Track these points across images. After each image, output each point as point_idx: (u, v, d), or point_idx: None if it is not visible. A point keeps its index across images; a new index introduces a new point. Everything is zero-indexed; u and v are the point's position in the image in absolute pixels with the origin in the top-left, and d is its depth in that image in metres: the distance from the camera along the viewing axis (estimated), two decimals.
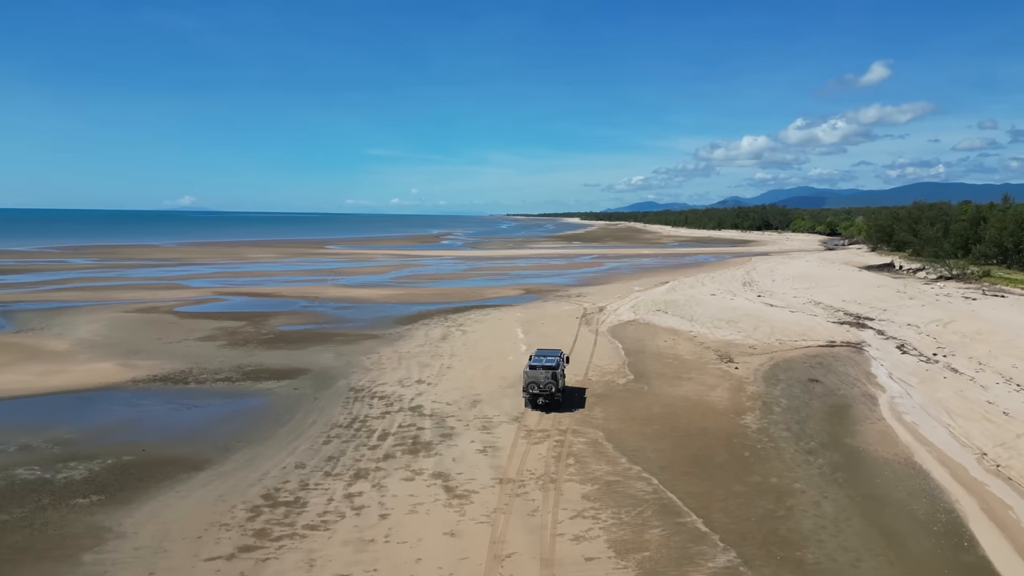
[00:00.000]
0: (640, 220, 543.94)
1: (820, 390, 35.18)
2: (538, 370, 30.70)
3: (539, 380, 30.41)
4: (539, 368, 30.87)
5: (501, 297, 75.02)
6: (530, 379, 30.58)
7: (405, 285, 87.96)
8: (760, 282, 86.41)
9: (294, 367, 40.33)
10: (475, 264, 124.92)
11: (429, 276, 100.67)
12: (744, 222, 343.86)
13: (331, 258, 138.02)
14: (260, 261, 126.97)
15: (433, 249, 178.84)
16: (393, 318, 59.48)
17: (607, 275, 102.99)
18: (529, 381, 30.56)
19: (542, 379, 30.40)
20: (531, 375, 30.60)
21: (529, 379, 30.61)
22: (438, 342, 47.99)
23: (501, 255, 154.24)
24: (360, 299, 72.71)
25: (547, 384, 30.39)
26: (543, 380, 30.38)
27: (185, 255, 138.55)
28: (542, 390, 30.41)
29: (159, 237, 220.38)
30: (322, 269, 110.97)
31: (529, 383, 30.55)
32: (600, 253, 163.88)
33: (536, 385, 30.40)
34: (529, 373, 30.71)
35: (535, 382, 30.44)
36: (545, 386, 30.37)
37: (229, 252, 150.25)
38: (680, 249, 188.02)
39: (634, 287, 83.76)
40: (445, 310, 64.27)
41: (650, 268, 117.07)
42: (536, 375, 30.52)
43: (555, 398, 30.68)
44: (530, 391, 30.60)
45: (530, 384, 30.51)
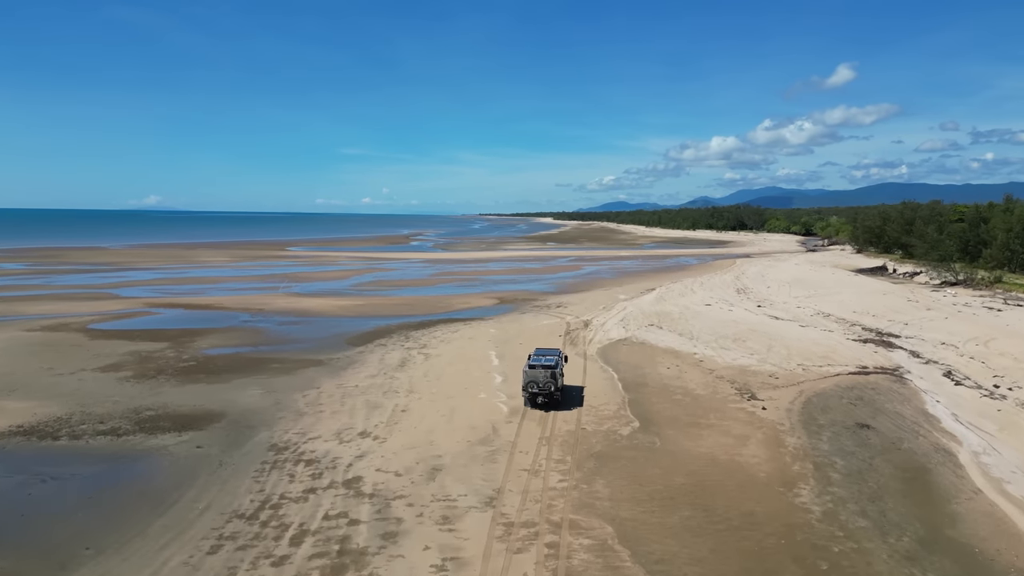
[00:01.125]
0: (613, 220, 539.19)
1: (878, 442, 27.56)
2: (537, 369, 30.93)
3: (538, 379, 30.65)
4: (538, 367, 31.09)
5: (472, 308, 66.76)
6: (529, 378, 30.86)
7: (366, 293, 79.20)
8: (755, 289, 79.27)
9: (206, 411, 31.67)
10: (444, 268, 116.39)
11: (393, 283, 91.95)
12: (719, 222, 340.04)
13: (290, 261, 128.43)
14: (211, 265, 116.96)
15: (401, 251, 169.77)
16: (345, 336, 50.87)
17: (587, 280, 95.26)
18: (528, 380, 30.87)
19: (541, 378, 30.61)
20: (530, 374, 30.87)
21: (528, 378, 30.90)
22: (395, 371, 39.57)
23: (473, 258, 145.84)
24: (311, 312, 63.87)
25: (546, 383, 30.63)
26: (542, 379, 30.61)
27: (130, 258, 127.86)
28: (541, 389, 30.69)
29: (111, 238, 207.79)
30: (277, 274, 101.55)
31: (528, 382, 30.86)
32: (577, 255, 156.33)
33: (535, 384, 30.70)
34: (528, 372, 30.98)
35: (534, 381, 30.72)
36: (544, 385, 30.63)
37: (180, 255, 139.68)
38: (658, 250, 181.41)
39: (618, 295, 76.08)
40: (408, 325, 55.81)
41: (632, 272, 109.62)
42: (535, 374, 30.77)
43: (554, 397, 30.99)
44: (529, 390, 30.91)
45: (529, 383, 30.83)
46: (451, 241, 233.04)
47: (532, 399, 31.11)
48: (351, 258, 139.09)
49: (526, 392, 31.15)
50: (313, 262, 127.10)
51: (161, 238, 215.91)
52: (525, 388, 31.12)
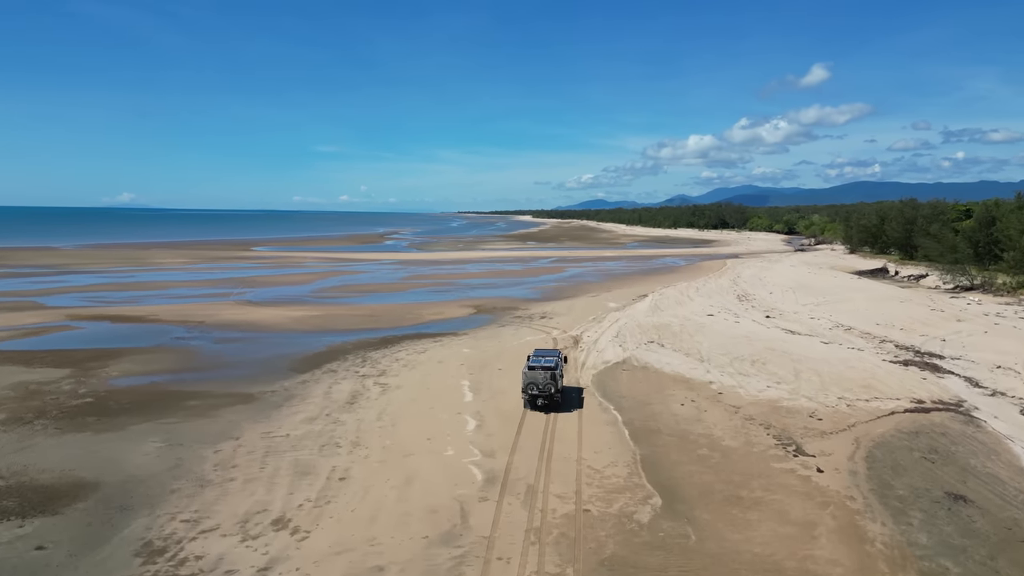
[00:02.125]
0: (592, 218, 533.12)
1: (987, 526, 20.16)
2: (537, 371, 30.61)
3: (538, 381, 30.35)
4: (538, 368, 30.75)
5: (445, 319, 58.83)
6: (529, 380, 30.57)
7: (327, 301, 70.84)
8: (757, 295, 72.17)
9: (75, 479, 23.47)
10: (418, 271, 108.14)
11: (360, 288, 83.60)
12: (700, 220, 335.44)
13: (252, 263, 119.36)
14: (164, 267, 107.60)
15: (374, 251, 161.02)
16: (290, 359, 42.66)
17: (572, 285, 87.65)
18: (528, 382, 30.57)
19: (541, 380, 30.34)
20: (530, 375, 30.60)
21: (528, 380, 30.60)
22: (341, 410, 31.53)
23: (449, 258, 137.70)
24: (260, 325, 55.51)
25: (546, 385, 30.32)
26: (542, 381, 30.31)
27: (77, 260, 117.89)
28: (541, 391, 30.37)
29: (68, 238, 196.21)
30: (234, 279, 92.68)
31: (528, 384, 30.56)
32: (559, 256, 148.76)
33: (535, 386, 30.39)
34: (528, 374, 30.70)
35: (534, 383, 30.42)
36: (544, 387, 30.30)
37: (134, 256, 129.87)
38: (642, 250, 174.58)
39: (608, 302, 68.55)
40: (368, 343, 47.74)
41: (619, 275, 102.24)
42: (535, 376, 30.47)
43: (554, 399, 30.66)
44: (529, 392, 30.62)
45: (529, 385, 30.55)
46: (427, 240, 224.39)
47: (532, 401, 30.78)
48: (318, 259, 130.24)
49: (526, 394, 30.85)
50: (277, 264, 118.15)
51: (121, 237, 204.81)
52: (525, 390, 30.83)
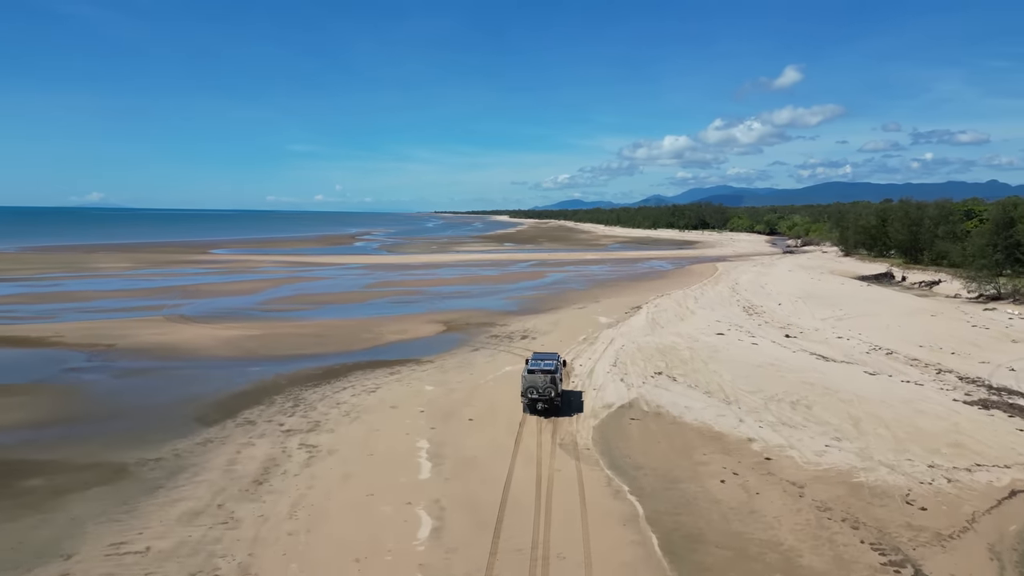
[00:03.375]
0: (570, 218, 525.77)
1: None
2: (537, 374, 30.03)
3: (538, 385, 29.75)
4: (538, 372, 30.14)
5: (407, 341, 49.55)
6: (529, 383, 29.87)
7: (273, 315, 61.13)
8: (764, 307, 63.81)
9: None
10: (385, 276, 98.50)
11: (314, 298, 73.85)
12: (680, 221, 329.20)
13: (204, 268, 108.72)
14: (101, 274, 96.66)
15: (341, 254, 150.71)
16: (200, 403, 33.06)
17: (555, 293, 78.71)
18: (528, 386, 29.84)
19: (540, 383, 29.80)
20: (530, 379, 29.91)
21: (528, 383, 29.88)
22: (241, 498, 22.13)
23: (420, 262, 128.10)
24: (181, 349, 45.74)
25: (546, 388, 29.73)
26: (542, 384, 29.83)
27: (5, 265, 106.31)
28: (541, 395, 29.71)
29: (10, 239, 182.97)
30: (175, 287, 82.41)
31: (528, 387, 29.83)
32: (538, 258, 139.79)
33: (535, 390, 29.72)
34: (528, 377, 30.01)
35: (534, 387, 29.78)
36: (544, 391, 29.71)
37: (72, 261, 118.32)
38: (625, 252, 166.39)
39: (598, 315, 59.75)
40: (306, 376, 38.33)
41: (604, 281, 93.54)
42: (535, 379, 29.87)
43: (554, 403, 29.98)
44: (529, 396, 29.86)
45: (529, 389, 29.82)
46: (400, 242, 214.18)
47: (532, 405, 30.06)
48: (278, 263, 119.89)
49: (525, 398, 30.11)
50: (230, 269, 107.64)
51: (72, 239, 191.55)
52: (524, 394, 30.15)
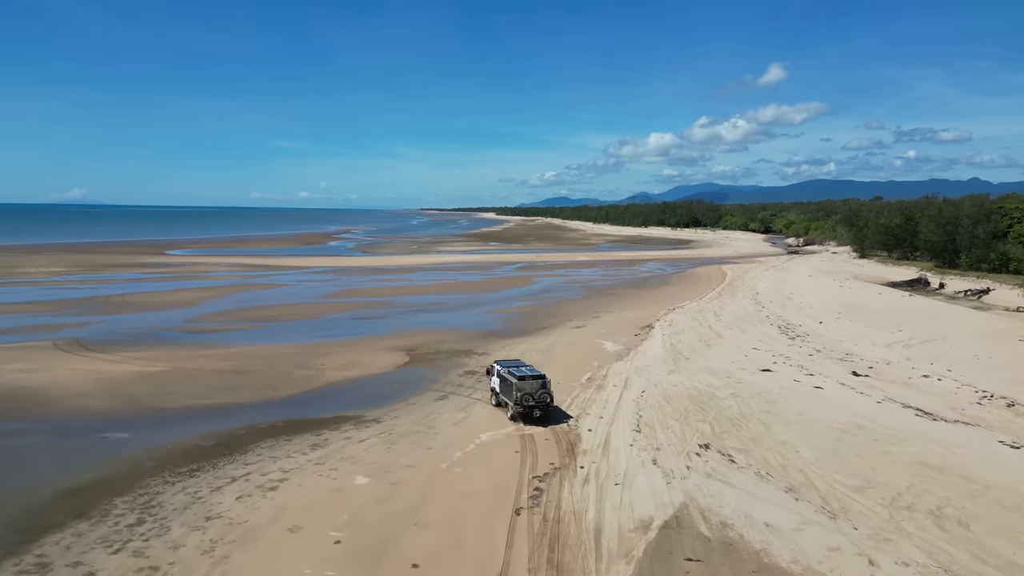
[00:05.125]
0: (558, 216, 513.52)
1: None
2: (527, 380, 28.77)
3: (532, 391, 28.57)
4: (528, 378, 28.88)
5: (353, 379, 37.33)
6: (521, 391, 28.45)
7: (192, 339, 48.66)
8: (803, 326, 52.07)
9: None
10: (351, 283, 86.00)
11: (258, 312, 61.27)
12: (671, 219, 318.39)
13: (148, 272, 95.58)
14: (19, 281, 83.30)
15: (310, 255, 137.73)
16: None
17: (545, 304, 66.64)
18: (523, 393, 28.46)
19: (530, 388, 28.55)
20: (520, 386, 28.55)
21: (520, 391, 28.47)
22: None
23: (396, 265, 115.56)
24: (36, 397, 33.24)
25: (541, 394, 28.74)
26: (536, 390, 28.63)
27: None
28: (537, 401, 28.61)
29: None
30: (98, 297, 69.63)
31: (523, 396, 28.44)
32: (526, 260, 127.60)
33: (530, 397, 28.53)
34: (518, 384, 28.56)
35: (528, 393, 28.51)
36: (540, 396, 28.66)
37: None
38: (619, 253, 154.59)
39: (601, 338, 47.84)
40: (185, 451, 26.02)
41: (602, 288, 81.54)
42: (525, 386, 28.59)
43: (549, 409, 29.07)
44: (525, 404, 28.51)
45: (524, 396, 28.46)
46: (378, 241, 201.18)
47: (527, 414, 28.60)
48: (235, 266, 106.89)
49: (520, 407, 28.51)
50: (176, 274, 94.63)
51: (18, 238, 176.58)
52: (518, 402, 28.46)
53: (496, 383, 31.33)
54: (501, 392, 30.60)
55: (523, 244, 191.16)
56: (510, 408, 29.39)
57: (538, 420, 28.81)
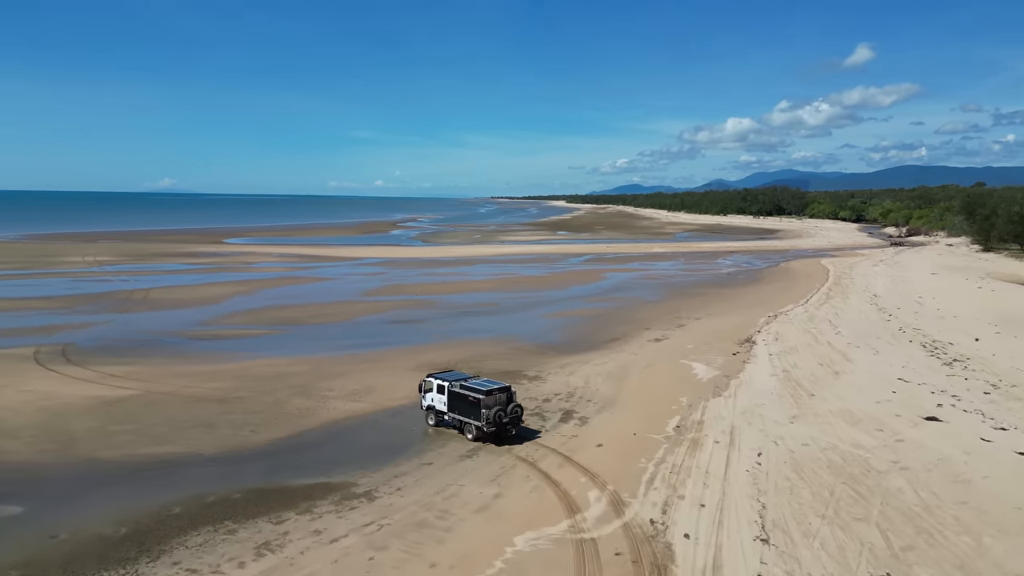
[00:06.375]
0: (629, 203, 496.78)
1: None
2: (495, 394, 25.08)
3: (502, 405, 25.00)
4: (495, 392, 25.20)
5: (360, 417, 28.38)
6: (491, 408, 24.65)
7: (195, 347, 40.92)
8: (958, 346, 40.00)
9: None
10: (401, 276, 77.71)
11: (283, 313, 53.26)
12: (752, 206, 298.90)
13: (191, 263, 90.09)
14: (52, 272, 78.77)
15: (367, 244, 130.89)
16: None
17: (615, 307, 56.32)
18: (495, 411, 24.72)
19: (500, 403, 25.03)
20: (488, 402, 24.79)
21: (489, 408, 24.64)
22: None
23: (454, 256, 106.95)
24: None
25: (514, 408, 25.38)
26: (506, 404, 25.13)
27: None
28: (511, 417, 25.20)
29: (23, 226, 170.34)
30: (124, 292, 63.66)
31: (495, 413, 24.71)
32: (595, 252, 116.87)
33: (503, 413, 24.89)
34: (486, 401, 24.80)
35: (501, 410, 24.87)
36: (513, 411, 25.29)
37: (42, 254, 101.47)
38: (697, 244, 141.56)
39: (688, 356, 37.39)
40: (62, 569, 17.30)
41: (682, 286, 70.41)
42: (493, 401, 24.88)
43: (519, 422, 25.77)
44: (499, 422, 24.76)
45: (496, 414, 24.71)
46: (443, 229, 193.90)
47: (497, 433, 24.91)
48: (284, 256, 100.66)
49: (493, 426, 24.73)
50: (221, 264, 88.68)
51: (83, 226, 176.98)
52: (492, 422, 24.69)
53: (436, 401, 26.90)
54: (455, 412, 26.15)
55: (592, 233, 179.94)
56: (472, 429, 25.40)
57: (511, 438, 25.45)
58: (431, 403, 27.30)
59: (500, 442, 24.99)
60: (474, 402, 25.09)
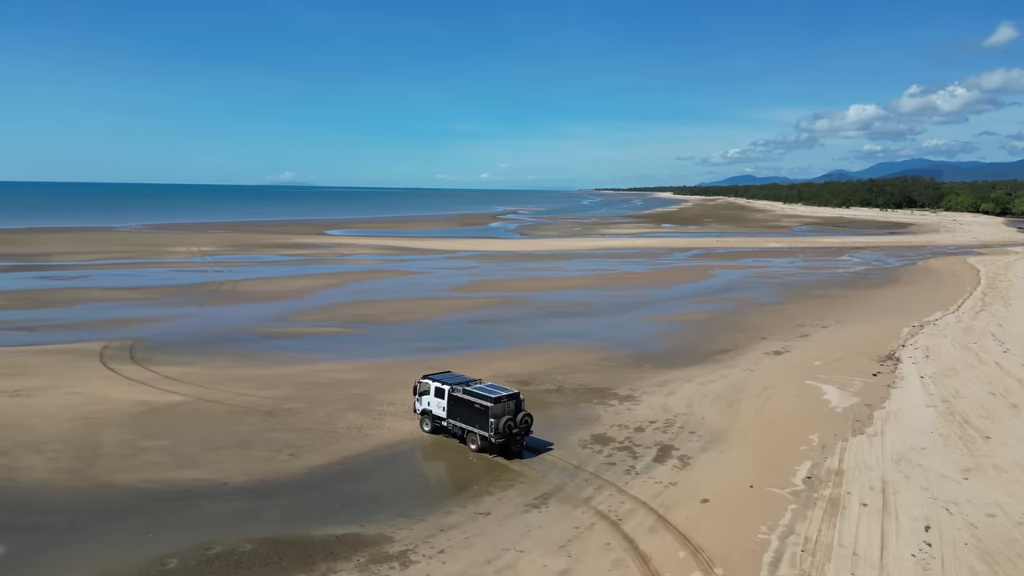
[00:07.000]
0: (741, 195, 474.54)
1: None
2: (503, 402, 22.72)
3: (511, 413, 22.77)
4: (503, 399, 22.78)
5: (419, 441, 23.99)
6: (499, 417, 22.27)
7: (259, 350, 38.42)
8: None
9: None
10: (492, 271, 73.85)
11: (362, 310, 50.34)
12: (878, 198, 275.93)
13: (287, 255, 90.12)
14: (159, 261, 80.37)
15: (464, 237, 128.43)
16: None
17: (726, 310, 49.77)
18: (504, 420, 22.37)
19: (510, 411, 22.78)
20: (495, 409, 22.42)
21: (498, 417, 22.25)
22: None
23: (550, 249, 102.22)
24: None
25: (524, 418, 23.03)
26: (516, 412, 22.93)
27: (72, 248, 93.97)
28: (521, 426, 22.89)
29: (143, 216, 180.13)
30: (213, 284, 63.31)
31: (505, 423, 22.34)
32: (703, 246, 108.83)
33: (512, 421, 22.55)
34: (494, 409, 22.43)
35: (510, 418, 22.54)
36: (523, 420, 22.95)
37: (152, 244, 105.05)
38: (819, 238, 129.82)
39: (816, 378, 30.96)
40: None
41: (803, 287, 62.47)
42: (501, 409, 22.54)
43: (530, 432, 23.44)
44: (507, 431, 22.41)
45: (506, 424, 22.36)
46: (542, 222, 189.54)
47: (505, 445, 22.60)
48: (379, 248, 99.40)
49: (502, 436, 22.40)
50: (316, 256, 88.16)
51: (198, 217, 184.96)
52: (501, 432, 22.35)
53: (434, 405, 24.55)
54: (456, 419, 23.78)
55: (700, 226, 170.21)
56: (476, 440, 23.10)
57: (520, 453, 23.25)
58: (427, 407, 25.06)
59: (509, 455, 22.85)
60: (481, 410, 22.79)
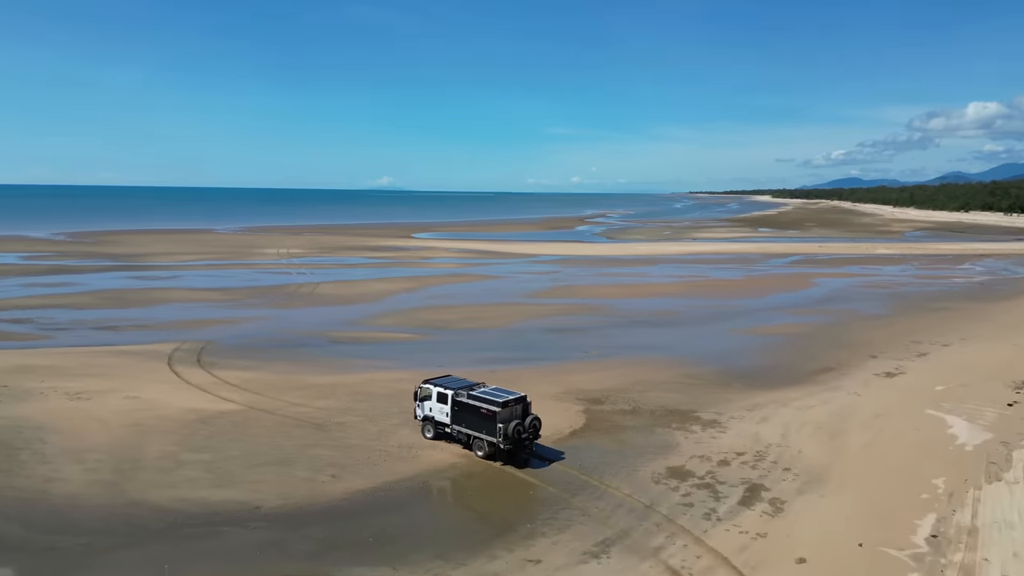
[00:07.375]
0: (846, 198, 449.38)
1: None
2: (511, 406, 21.87)
3: (519, 417, 21.94)
4: (511, 404, 21.96)
5: (472, 466, 21.61)
6: (507, 422, 21.44)
7: (323, 356, 37.31)
8: None
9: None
10: (569, 277, 70.93)
11: (436, 315, 48.67)
12: (1002, 201, 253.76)
13: (370, 258, 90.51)
14: (245, 263, 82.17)
15: (548, 241, 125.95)
16: None
17: (828, 322, 44.94)
18: (512, 424, 21.54)
19: (518, 415, 21.98)
20: (503, 414, 21.56)
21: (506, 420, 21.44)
22: None
23: (637, 254, 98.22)
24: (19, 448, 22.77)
25: (533, 422, 22.36)
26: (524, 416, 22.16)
27: (163, 249, 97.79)
28: (530, 431, 22.15)
29: (244, 219, 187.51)
30: (293, 287, 63.61)
31: (514, 427, 21.54)
32: (804, 252, 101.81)
33: (521, 426, 21.74)
34: (502, 414, 21.57)
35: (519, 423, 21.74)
36: (532, 424, 22.26)
37: (246, 246, 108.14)
38: (935, 245, 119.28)
39: (943, 409, 26.52)
40: None
41: (918, 299, 56.21)
42: (509, 414, 21.66)
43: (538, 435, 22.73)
44: (516, 436, 21.60)
45: (515, 429, 21.53)
46: (630, 225, 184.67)
47: (511, 450, 21.76)
48: (462, 252, 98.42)
49: (510, 442, 21.57)
50: (399, 259, 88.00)
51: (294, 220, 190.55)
52: (510, 437, 21.49)
53: (436, 411, 23.78)
54: (461, 425, 22.98)
55: (801, 231, 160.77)
56: (483, 446, 22.37)
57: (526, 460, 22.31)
58: (429, 413, 24.33)
59: (517, 463, 22.02)
60: (488, 415, 21.98)
